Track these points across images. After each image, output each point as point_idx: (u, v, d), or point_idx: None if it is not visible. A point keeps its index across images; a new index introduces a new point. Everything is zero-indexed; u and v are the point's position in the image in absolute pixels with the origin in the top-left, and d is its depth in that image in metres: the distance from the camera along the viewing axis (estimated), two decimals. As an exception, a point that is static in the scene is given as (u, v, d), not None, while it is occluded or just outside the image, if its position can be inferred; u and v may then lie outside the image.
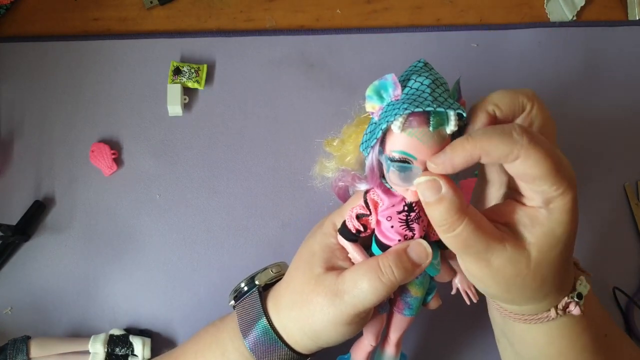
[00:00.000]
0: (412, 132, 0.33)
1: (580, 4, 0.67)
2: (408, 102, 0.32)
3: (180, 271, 0.58)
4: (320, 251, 0.39)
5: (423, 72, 0.34)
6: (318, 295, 0.37)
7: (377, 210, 0.38)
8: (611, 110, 0.64)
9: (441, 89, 0.34)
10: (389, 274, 0.36)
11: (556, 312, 0.36)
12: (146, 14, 0.67)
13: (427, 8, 0.68)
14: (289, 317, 0.39)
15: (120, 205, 0.60)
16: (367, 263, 0.37)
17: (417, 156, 0.33)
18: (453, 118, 0.33)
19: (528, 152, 0.30)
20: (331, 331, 0.37)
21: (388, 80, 0.34)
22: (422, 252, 0.37)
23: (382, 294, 0.36)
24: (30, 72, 0.64)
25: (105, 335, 0.54)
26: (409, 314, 0.42)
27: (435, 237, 0.38)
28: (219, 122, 0.63)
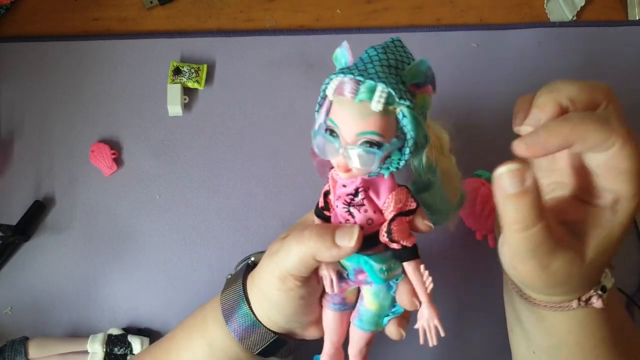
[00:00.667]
0: (339, 99, 0.31)
1: (580, 4, 0.67)
2: (344, 69, 0.31)
3: (180, 271, 0.58)
4: (298, 223, 0.40)
5: (380, 46, 0.33)
6: (264, 259, 0.38)
7: (336, 187, 0.35)
8: (611, 110, 0.64)
9: (382, 63, 0.31)
10: (306, 239, 0.34)
11: (578, 303, 0.34)
12: (146, 14, 0.67)
13: (427, 8, 0.68)
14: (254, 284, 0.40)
15: (120, 205, 0.60)
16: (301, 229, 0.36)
17: (339, 125, 0.31)
18: (378, 94, 0.30)
19: (624, 143, 0.28)
20: (274, 297, 0.37)
21: (343, 48, 0.33)
22: (346, 235, 0.33)
23: (299, 259, 0.35)
24: (30, 72, 0.64)
25: (103, 335, 0.54)
26: (358, 325, 0.38)
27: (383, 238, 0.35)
28: (219, 122, 0.63)
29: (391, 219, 0.34)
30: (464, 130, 0.63)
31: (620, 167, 0.29)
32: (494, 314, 0.57)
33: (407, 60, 0.33)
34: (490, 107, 0.64)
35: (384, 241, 0.35)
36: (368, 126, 0.31)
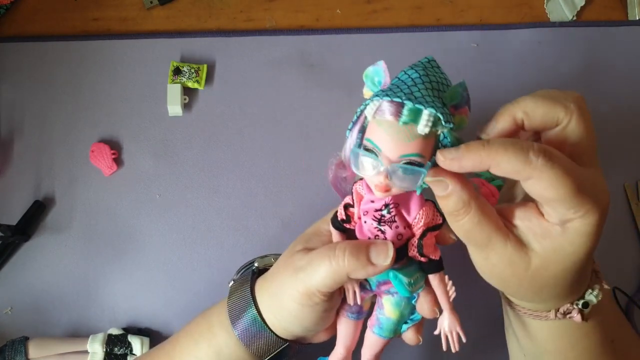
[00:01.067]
0: (381, 121, 0.31)
1: (580, 4, 0.67)
2: (387, 90, 0.31)
3: (180, 271, 0.58)
4: (310, 233, 0.40)
5: (418, 66, 0.33)
6: (286, 271, 0.38)
7: (360, 203, 0.36)
8: (611, 110, 0.64)
9: (425, 85, 0.31)
10: (340, 259, 0.35)
11: (555, 315, 0.36)
12: (146, 14, 0.67)
13: (427, 8, 0.68)
14: (266, 290, 0.40)
15: (120, 205, 0.60)
16: (328, 245, 0.36)
17: (381, 148, 0.31)
18: (425, 118, 0.30)
19: (542, 174, 0.28)
20: (295, 310, 0.37)
21: (378, 67, 0.33)
22: (382, 252, 0.35)
23: (330, 277, 0.35)
24: (30, 72, 0.64)
25: (103, 335, 0.54)
26: (377, 333, 0.39)
27: (412, 253, 0.36)
28: (219, 122, 0.63)
29: (421, 234, 0.35)
30: (463, 130, 0.63)
31: (546, 196, 0.30)
32: (494, 314, 0.57)
33: (445, 81, 0.33)
34: (490, 107, 0.63)
35: (413, 255, 0.36)
36: (411, 149, 0.31)
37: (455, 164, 0.31)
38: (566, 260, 0.31)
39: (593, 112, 0.70)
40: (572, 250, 0.31)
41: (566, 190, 0.29)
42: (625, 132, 0.64)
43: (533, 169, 0.29)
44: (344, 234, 0.38)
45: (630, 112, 0.65)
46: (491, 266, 0.33)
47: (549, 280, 0.32)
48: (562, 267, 0.32)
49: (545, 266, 0.32)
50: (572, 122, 0.32)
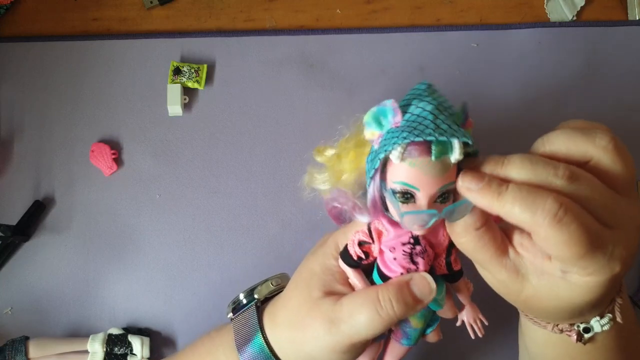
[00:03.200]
0: (412, 162, 0.31)
1: (580, 4, 0.67)
2: (408, 130, 0.30)
3: (180, 271, 0.58)
4: (320, 273, 0.38)
5: (425, 97, 0.32)
6: (314, 320, 0.36)
7: (381, 239, 0.36)
8: (611, 110, 0.64)
9: (444, 115, 0.31)
10: (388, 308, 0.34)
11: (552, 328, 0.35)
12: (146, 14, 0.67)
13: (427, 8, 0.68)
14: (284, 337, 0.38)
15: (120, 205, 0.60)
16: (366, 293, 0.35)
17: (419, 187, 0.31)
18: (457, 147, 0.30)
19: (549, 233, 0.28)
20: (326, 358, 0.36)
21: (387, 107, 0.31)
22: (426, 287, 0.35)
23: (379, 328, 0.34)
24: (30, 72, 0.64)
25: (103, 334, 0.54)
26: (406, 344, 0.41)
27: (440, 271, 0.37)
28: (219, 122, 0.63)
29: (447, 252, 0.36)
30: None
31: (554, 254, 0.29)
32: (495, 315, 0.57)
33: (448, 102, 0.33)
34: (490, 107, 0.64)
35: (441, 273, 0.37)
36: (447, 179, 0.31)
37: (470, 195, 0.31)
38: (560, 301, 0.31)
39: (593, 112, 0.70)
40: (568, 295, 0.30)
41: (576, 251, 0.28)
42: (625, 132, 0.64)
43: (540, 226, 0.28)
44: (358, 269, 0.38)
45: (630, 112, 0.65)
46: (489, 279, 0.34)
47: (540, 311, 0.33)
48: (555, 305, 0.31)
49: (538, 298, 0.32)
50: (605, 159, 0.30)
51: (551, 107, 0.64)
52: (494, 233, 0.32)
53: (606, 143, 0.31)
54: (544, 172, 0.29)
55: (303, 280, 0.39)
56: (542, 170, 0.29)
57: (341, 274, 0.38)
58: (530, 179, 0.29)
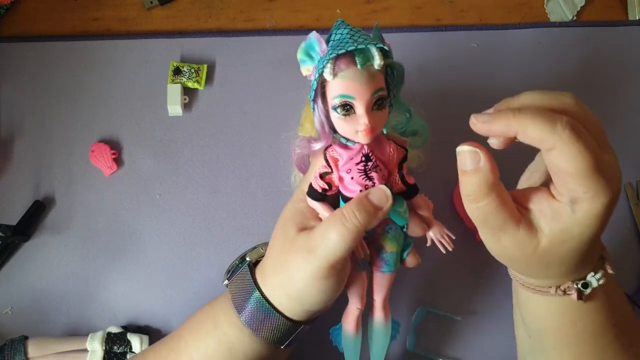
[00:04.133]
0: (343, 74, 0.35)
1: (580, 4, 0.67)
2: (332, 50, 0.35)
3: (180, 271, 0.58)
4: (291, 216, 0.41)
5: (341, 27, 0.37)
6: (295, 256, 0.39)
7: (338, 166, 0.40)
8: (611, 110, 0.64)
9: (359, 34, 0.36)
10: (352, 218, 0.37)
11: (555, 291, 0.37)
12: (146, 14, 0.67)
13: (427, 8, 0.68)
14: (274, 283, 0.40)
15: (120, 205, 0.60)
16: (333, 214, 0.38)
17: (355, 95, 0.36)
18: (376, 53, 0.35)
19: (564, 146, 0.30)
20: (312, 288, 0.38)
21: (312, 39, 0.36)
22: (382, 195, 0.38)
23: (349, 239, 0.37)
24: (30, 72, 0.64)
25: (102, 333, 0.54)
26: (387, 270, 0.43)
27: (397, 188, 0.40)
28: (219, 122, 0.63)
29: (399, 166, 0.40)
30: (464, 130, 0.63)
31: (565, 169, 0.30)
32: (494, 313, 0.57)
33: (360, 29, 0.38)
34: (490, 107, 0.63)
35: (399, 188, 0.40)
36: (377, 84, 0.36)
37: (486, 127, 0.33)
38: (573, 241, 0.33)
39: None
40: (579, 231, 0.32)
41: (584, 166, 0.30)
42: (625, 132, 0.64)
43: (558, 139, 0.30)
44: (325, 202, 0.41)
45: (630, 112, 0.65)
46: (502, 247, 0.34)
47: (555, 259, 0.34)
48: (568, 247, 0.33)
49: (553, 247, 0.33)
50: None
51: (551, 107, 0.64)
52: (506, 194, 0.33)
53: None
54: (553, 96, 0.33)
55: (279, 228, 0.42)
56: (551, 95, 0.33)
57: (311, 212, 0.41)
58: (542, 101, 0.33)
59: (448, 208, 0.59)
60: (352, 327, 0.44)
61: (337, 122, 0.37)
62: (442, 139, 0.63)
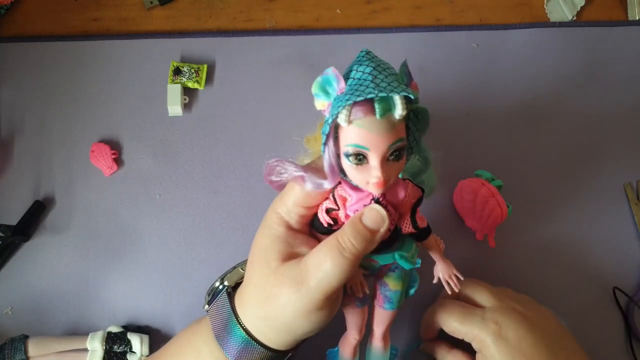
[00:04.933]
0: (359, 122, 0.32)
1: (580, 4, 0.67)
2: (350, 93, 0.32)
3: (180, 271, 0.58)
4: (271, 244, 0.38)
5: (364, 62, 0.34)
6: (281, 288, 0.36)
7: (346, 205, 0.37)
8: (611, 110, 0.64)
9: (384, 74, 0.33)
10: (348, 245, 0.35)
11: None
12: (146, 14, 0.67)
13: (427, 8, 0.68)
14: (257, 316, 0.38)
15: (120, 205, 0.60)
16: (327, 243, 0.36)
17: (369, 147, 0.32)
18: (399, 102, 0.31)
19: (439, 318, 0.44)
20: (304, 321, 0.36)
21: (329, 75, 0.33)
22: (376, 217, 0.35)
23: (347, 269, 0.35)
24: (30, 72, 0.64)
25: (103, 332, 0.54)
26: (389, 308, 0.42)
27: (407, 230, 0.39)
28: (219, 122, 0.63)
29: (412, 211, 0.38)
30: (463, 130, 0.63)
31: None
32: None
33: (388, 64, 0.35)
34: (490, 107, 0.64)
35: (408, 232, 0.39)
36: (396, 135, 0.33)
37: None
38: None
39: (593, 111, 0.70)
40: None
41: (456, 323, 0.40)
42: (625, 132, 0.64)
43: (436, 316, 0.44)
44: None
45: (630, 112, 0.65)
46: None
47: None
48: None
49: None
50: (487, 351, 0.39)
51: (551, 107, 0.64)
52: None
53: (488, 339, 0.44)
54: None
55: (257, 258, 0.39)
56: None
57: (294, 236, 0.38)
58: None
59: (448, 208, 0.59)
60: (349, 355, 0.44)
61: (348, 168, 0.34)
62: (442, 139, 0.63)
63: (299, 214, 0.38)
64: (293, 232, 0.38)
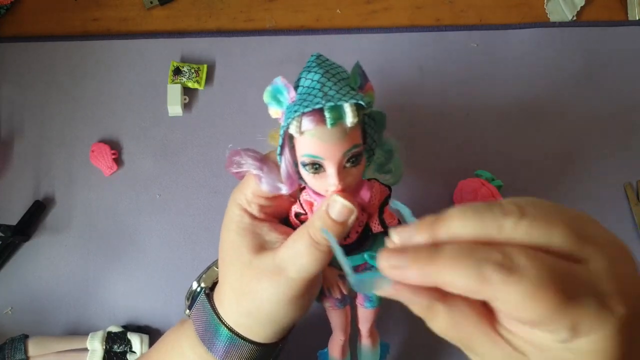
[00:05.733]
0: (311, 132, 0.31)
1: (580, 4, 0.67)
2: (299, 103, 0.31)
3: (180, 270, 0.58)
4: (239, 238, 0.37)
5: (313, 68, 0.33)
6: (259, 282, 0.35)
7: (313, 209, 0.37)
8: (611, 110, 0.64)
9: (332, 81, 0.32)
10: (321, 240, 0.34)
11: None
12: (146, 14, 0.67)
13: (427, 8, 0.68)
14: (240, 313, 0.37)
15: (120, 205, 0.60)
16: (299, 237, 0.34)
17: (324, 156, 0.32)
18: (349, 110, 0.31)
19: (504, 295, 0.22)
20: (288, 310, 0.36)
21: (278, 84, 0.33)
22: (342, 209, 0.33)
23: (323, 259, 0.34)
24: (30, 72, 0.64)
25: (103, 332, 0.54)
26: (370, 306, 0.42)
27: (377, 229, 0.38)
28: (219, 122, 0.63)
29: (380, 210, 0.37)
30: (463, 130, 0.63)
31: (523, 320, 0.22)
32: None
33: (341, 69, 0.34)
34: (490, 106, 0.64)
35: (378, 231, 0.38)
36: (349, 143, 0.32)
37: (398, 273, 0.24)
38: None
39: (593, 111, 0.70)
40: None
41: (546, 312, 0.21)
42: (625, 132, 0.64)
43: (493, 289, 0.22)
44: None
45: (630, 112, 0.65)
46: None
47: None
48: None
49: None
50: (523, 224, 0.23)
51: (551, 107, 0.64)
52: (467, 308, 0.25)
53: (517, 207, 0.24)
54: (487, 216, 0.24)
55: (228, 255, 0.38)
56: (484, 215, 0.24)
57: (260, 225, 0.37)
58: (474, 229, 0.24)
59: (448, 207, 0.59)
60: (338, 355, 0.45)
61: (306, 177, 0.34)
62: (442, 139, 0.63)
63: (259, 204, 0.38)
64: (258, 220, 0.37)
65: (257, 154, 0.36)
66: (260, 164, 0.36)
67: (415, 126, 0.63)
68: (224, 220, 0.39)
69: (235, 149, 0.37)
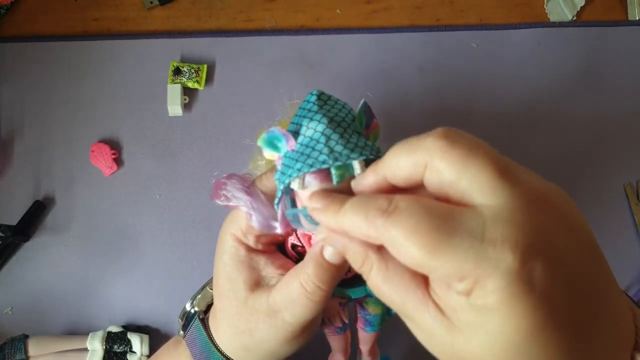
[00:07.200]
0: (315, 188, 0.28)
1: (580, 4, 0.67)
2: (302, 160, 0.28)
3: (180, 270, 0.58)
4: (235, 272, 0.35)
5: (315, 114, 0.29)
6: (257, 323, 0.34)
7: (310, 242, 0.35)
8: (611, 110, 0.64)
9: (338, 133, 0.28)
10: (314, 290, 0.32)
11: None
12: (146, 14, 0.67)
13: (427, 8, 0.68)
14: (237, 347, 0.36)
15: (120, 205, 0.60)
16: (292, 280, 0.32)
17: None
18: (358, 166, 0.28)
19: (388, 239, 0.22)
20: (286, 347, 0.35)
21: (276, 134, 0.29)
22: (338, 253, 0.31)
23: (318, 307, 0.33)
24: (30, 72, 0.64)
25: (103, 332, 0.54)
26: (371, 330, 0.42)
27: None
28: (219, 122, 0.63)
29: None
30: (464, 130, 0.63)
31: (410, 265, 0.23)
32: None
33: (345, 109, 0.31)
34: (490, 107, 0.64)
35: None
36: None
37: (315, 215, 0.27)
38: (492, 342, 0.21)
39: (593, 111, 0.70)
40: (491, 330, 0.21)
41: (419, 252, 0.21)
42: (625, 132, 0.64)
43: (377, 232, 0.23)
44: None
45: (630, 112, 0.65)
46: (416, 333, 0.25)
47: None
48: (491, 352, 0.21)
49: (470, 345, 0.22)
50: (436, 161, 0.24)
51: (551, 107, 0.64)
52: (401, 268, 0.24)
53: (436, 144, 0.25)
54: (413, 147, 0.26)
55: (224, 288, 0.36)
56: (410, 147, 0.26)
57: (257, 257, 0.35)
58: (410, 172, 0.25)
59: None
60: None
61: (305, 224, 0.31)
62: (442, 139, 0.63)
63: (255, 234, 0.35)
64: (254, 252, 0.35)
65: (245, 185, 0.33)
66: (249, 198, 0.33)
67: (415, 126, 0.63)
68: (217, 249, 0.37)
69: (219, 179, 0.33)
